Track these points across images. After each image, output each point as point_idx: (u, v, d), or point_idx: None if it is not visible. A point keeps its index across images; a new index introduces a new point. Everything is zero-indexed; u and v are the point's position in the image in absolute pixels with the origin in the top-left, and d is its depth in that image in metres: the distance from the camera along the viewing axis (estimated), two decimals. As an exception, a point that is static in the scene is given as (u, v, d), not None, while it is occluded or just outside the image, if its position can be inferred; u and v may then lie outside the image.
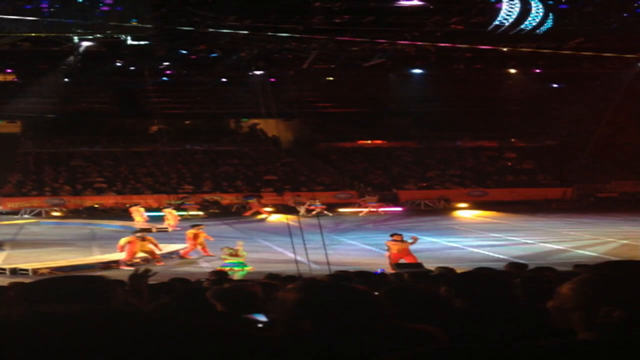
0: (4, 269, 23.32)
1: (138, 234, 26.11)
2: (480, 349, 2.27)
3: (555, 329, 2.38)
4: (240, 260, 21.90)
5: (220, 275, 11.97)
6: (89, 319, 2.13)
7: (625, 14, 34.14)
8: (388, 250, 22.72)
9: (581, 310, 2.26)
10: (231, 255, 22.04)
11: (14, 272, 22.81)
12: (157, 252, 25.38)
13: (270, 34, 38.13)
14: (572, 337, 2.25)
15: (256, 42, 40.20)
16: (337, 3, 35.36)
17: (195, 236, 27.32)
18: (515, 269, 13.01)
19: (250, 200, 46.63)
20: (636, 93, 48.09)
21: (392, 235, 23.28)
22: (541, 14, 35.84)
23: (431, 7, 35.11)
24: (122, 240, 25.64)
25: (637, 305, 2.16)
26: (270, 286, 6.93)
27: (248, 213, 44.70)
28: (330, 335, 2.74)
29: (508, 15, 36.01)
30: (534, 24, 36.50)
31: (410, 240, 22.90)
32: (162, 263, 25.24)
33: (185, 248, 27.30)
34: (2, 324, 2.18)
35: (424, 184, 54.10)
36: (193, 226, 28.53)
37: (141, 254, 25.02)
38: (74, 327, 2.10)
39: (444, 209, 47.14)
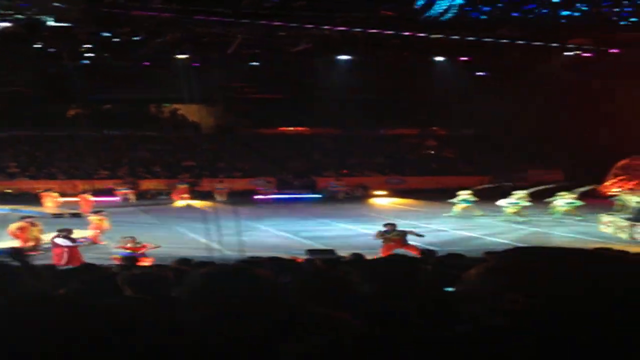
0: None
1: (27, 219, 25.84)
2: (391, 336, 2.34)
3: (461, 314, 2.36)
4: (135, 252, 21.36)
5: (130, 261, 12.06)
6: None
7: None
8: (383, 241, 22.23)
9: (487, 297, 2.26)
10: (126, 246, 21.58)
11: None
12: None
13: (197, 17, 37.51)
14: (478, 323, 2.25)
15: (183, 25, 39.51)
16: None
17: (101, 222, 27.96)
18: (426, 256, 13.31)
19: (181, 186, 46.32)
20: (559, 84, 49.16)
21: (385, 225, 22.89)
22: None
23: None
24: (13, 226, 25.24)
25: (541, 292, 2.16)
26: (180, 271, 6.97)
27: (176, 197, 44.52)
28: (230, 319, 2.74)
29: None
30: (440, 10, 36.45)
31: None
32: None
33: (94, 234, 27.44)
34: None
35: (345, 172, 54.23)
36: (96, 212, 29.61)
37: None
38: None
39: (362, 196, 47.56)
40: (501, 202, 34.90)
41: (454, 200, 36.09)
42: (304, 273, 5.41)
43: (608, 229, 30.35)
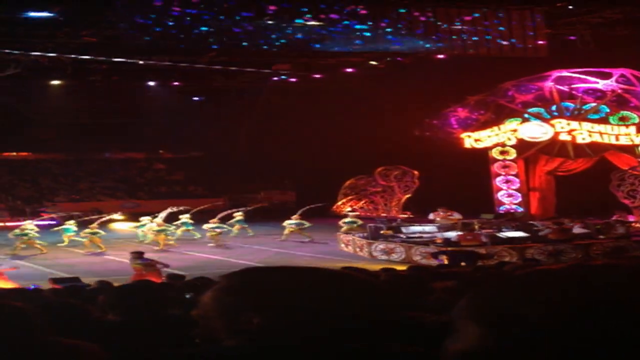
0: None
1: None
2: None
3: (202, 337, 2.36)
4: None
5: None
6: None
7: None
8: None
9: (222, 318, 2.28)
10: None
11: None
12: None
13: None
14: (214, 345, 2.28)
15: None
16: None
17: None
18: (174, 280, 13.69)
19: None
20: (270, 106, 50.99)
21: (131, 254, 22.92)
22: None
23: (61, 19, 34.97)
24: None
25: (274, 311, 2.20)
26: None
27: None
28: None
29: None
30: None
31: None
32: None
33: None
34: None
35: (76, 197, 53.64)
36: None
37: None
38: None
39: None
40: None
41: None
42: (47, 303, 5.27)
43: (348, 248, 32.01)
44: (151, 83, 51.07)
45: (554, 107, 38.05)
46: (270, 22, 35.16)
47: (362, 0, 35.93)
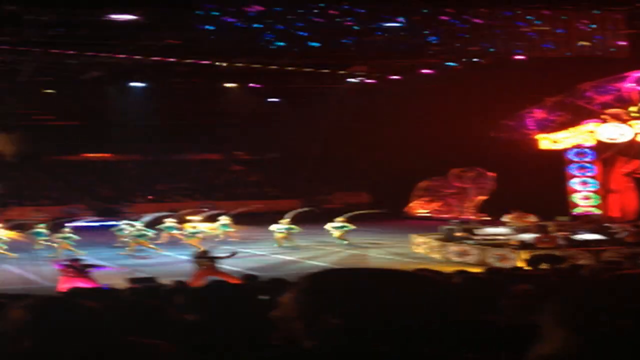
0: None
1: None
2: None
3: (281, 338, 2.38)
4: None
5: None
6: None
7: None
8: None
9: (301, 319, 2.30)
10: None
11: None
12: None
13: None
14: (294, 346, 2.30)
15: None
16: (48, 16, 35.19)
17: None
18: (249, 281, 13.62)
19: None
20: (346, 107, 51.09)
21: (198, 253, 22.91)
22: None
23: (145, 22, 35.68)
24: None
25: (352, 313, 2.23)
26: None
27: None
28: (54, 352, 2.66)
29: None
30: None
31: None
32: None
33: None
34: None
35: (152, 197, 54.45)
36: None
37: None
38: None
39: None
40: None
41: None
42: (125, 302, 5.35)
43: (421, 249, 31.65)
44: (230, 85, 51.64)
45: (633, 108, 37.38)
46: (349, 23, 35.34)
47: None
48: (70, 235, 31.34)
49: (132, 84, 49.88)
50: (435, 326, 2.25)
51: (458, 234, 30.87)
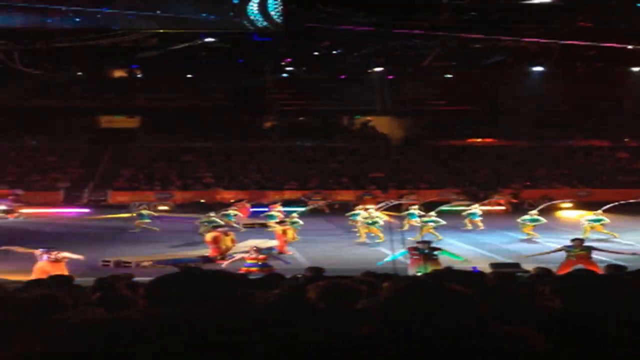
0: (108, 261, 24.32)
1: (221, 229, 27.20)
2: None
3: None
4: (259, 261, 21.53)
5: (316, 272, 11.55)
6: None
7: None
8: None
9: None
10: (254, 257, 21.69)
11: (118, 264, 23.85)
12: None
13: (395, 31, 38.35)
14: None
15: (381, 38, 40.53)
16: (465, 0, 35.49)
17: (284, 232, 28.77)
18: (615, 271, 12.73)
19: (367, 197, 46.70)
20: None
21: (572, 241, 21.90)
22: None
23: (562, 4, 34.93)
24: (209, 236, 26.54)
25: None
26: (368, 284, 6.79)
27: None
28: (425, 335, 2.68)
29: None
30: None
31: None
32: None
33: (279, 244, 28.02)
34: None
35: (528, 183, 53.82)
36: (280, 222, 30.37)
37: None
38: None
39: (546, 208, 45.82)
40: None
41: None
42: (489, 287, 5.28)
43: None
44: (635, 69, 49.66)
45: None
46: None
47: None
48: (435, 219, 31.22)
49: (532, 68, 49.29)
50: None
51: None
